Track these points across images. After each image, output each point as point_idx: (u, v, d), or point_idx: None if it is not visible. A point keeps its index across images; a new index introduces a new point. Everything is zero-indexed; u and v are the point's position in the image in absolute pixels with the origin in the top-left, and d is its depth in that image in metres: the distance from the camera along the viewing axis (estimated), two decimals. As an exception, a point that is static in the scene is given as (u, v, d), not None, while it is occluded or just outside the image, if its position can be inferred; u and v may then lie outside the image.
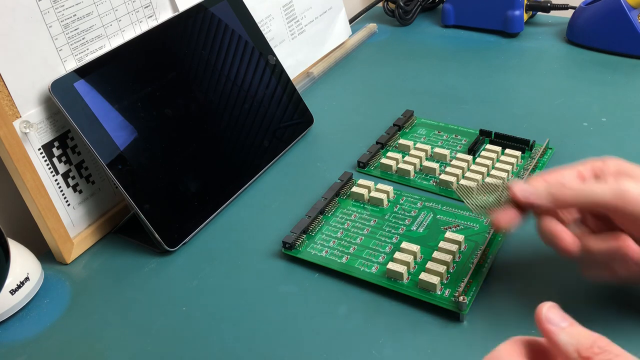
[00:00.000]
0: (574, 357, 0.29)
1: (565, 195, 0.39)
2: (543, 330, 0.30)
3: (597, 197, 0.38)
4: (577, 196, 0.39)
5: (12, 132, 0.48)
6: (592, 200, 0.38)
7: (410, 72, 0.77)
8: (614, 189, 0.38)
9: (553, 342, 0.30)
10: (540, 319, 0.31)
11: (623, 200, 0.37)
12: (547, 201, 0.40)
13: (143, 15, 0.58)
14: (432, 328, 0.44)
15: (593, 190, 0.38)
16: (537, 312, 0.31)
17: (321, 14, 0.80)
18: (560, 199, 0.39)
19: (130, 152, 0.52)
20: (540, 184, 0.41)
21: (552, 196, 0.40)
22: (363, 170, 0.60)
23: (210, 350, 0.44)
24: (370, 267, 0.48)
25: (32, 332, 0.47)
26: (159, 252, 0.53)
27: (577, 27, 0.79)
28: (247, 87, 0.63)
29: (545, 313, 0.31)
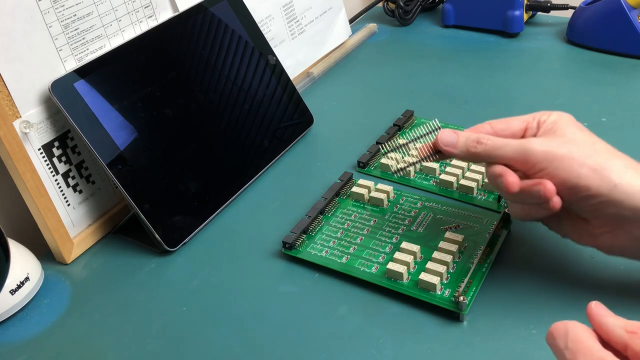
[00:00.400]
0: (621, 333, 0.31)
1: (477, 151, 0.43)
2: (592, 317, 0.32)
3: (504, 154, 0.42)
4: (488, 153, 0.43)
5: (12, 132, 0.48)
6: (500, 157, 0.42)
7: (410, 72, 0.77)
8: (519, 148, 0.42)
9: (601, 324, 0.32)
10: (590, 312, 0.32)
11: (525, 157, 0.41)
12: (461, 153, 0.44)
13: (143, 15, 0.58)
14: (432, 328, 0.44)
15: (502, 149, 0.42)
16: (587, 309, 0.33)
17: (321, 14, 0.80)
18: (473, 153, 0.43)
19: (130, 152, 0.52)
20: (463, 136, 0.44)
21: (466, 150, 0.44)
22: (363, 170, 0.60)
23: (210, 350, 0.44)
24: (370, 267, 0.48)
25: (32, 332, 0.47)
26: (159, 252, 0.53)
27: (577, 27, 0.79)
28: (247, 87, 0.63)
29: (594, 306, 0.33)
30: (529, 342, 0.42)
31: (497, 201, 0.54)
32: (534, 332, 0.42)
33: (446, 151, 0.45)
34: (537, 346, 0.41)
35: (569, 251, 0.48)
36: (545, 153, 0.41)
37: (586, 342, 0.31)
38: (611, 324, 0.31)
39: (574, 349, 0.30)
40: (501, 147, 0.42)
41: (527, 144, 0.41)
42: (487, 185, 0.55)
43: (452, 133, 0.45)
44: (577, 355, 0.30)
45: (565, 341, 0.31)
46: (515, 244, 0.50)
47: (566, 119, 0.43)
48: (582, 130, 0.42)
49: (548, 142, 0.41)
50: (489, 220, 0.51)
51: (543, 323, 0.43)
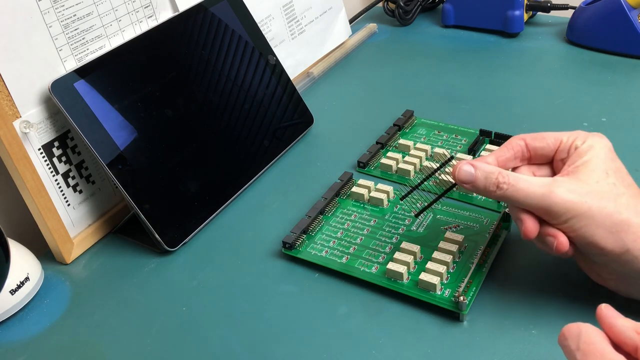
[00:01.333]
0: (632, 334, 0.31)
1: (497, 195, 0.42)
2: (602, 319, 0.32)
3: (525, 204, 0.41)
4: (507, 199, 0.41)
5: (12, 132, 0.48)
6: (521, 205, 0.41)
7: (410, 72, 0.77)
8: (541, 202, 0.40)
9: (612, 326, 0.32)
10: (600, 314, 0.32)
11: (546, 210, 0.40)
12: (481, 194, 0.43)
13: (143, 15, 0.58)
14: (432, 328, 0.44)
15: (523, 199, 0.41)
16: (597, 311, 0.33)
17: (321, 14, 0.80)
18: (493, 196, 0.42)
19: (130, 152, 0.52)
20: (481, 175, 0.42)
21: (485, 191, 0.42)
22: (363, 170, 0.60)
23: (210, 350, 0.44)
24: (370, 267, 0.48)
25: (32, 332, 0.47)
26: (159, 252, 0.53)
27: (577, 27, 0.79)
28: (247, 87, 0.63)
29: (604, 308, 0.33)
30: (529, 342, 0.42)
31: (497, 201, 0.54)
32: (534, 332, 0.42)
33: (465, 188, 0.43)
34: (537, 346, 0.41)
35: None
36: (566, 209, 0.39)
37: (598, 344, 0.31)
38: (621, 325, 0.32)
39: (586, 351, 0.30)
40: (523, 197, 0.40)
41: (549, 198, 0.40)
42: (487, 185, 0.55)
43: (470, 169, 0.42)
44: (588, 356, 0.30)
45: (578, 342, 0.31)
46: (515, 244, 0.50)
47: (598, 153, 0.42)
48: (608, 175, 0.41)
49: (570, 191, 0.40)
50: (489, 220, 0.51)
51: (543, 323, 0.43)
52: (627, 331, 0.31)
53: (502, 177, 0.41)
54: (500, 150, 0.44)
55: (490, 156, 0.44)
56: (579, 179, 0.40)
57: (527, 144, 0.44)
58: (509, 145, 0.44)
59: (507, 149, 0.44)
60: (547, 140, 0.44)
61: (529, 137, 0.44)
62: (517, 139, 0.45)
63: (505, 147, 0.45)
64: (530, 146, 0.44)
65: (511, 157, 0.44)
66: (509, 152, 0.44)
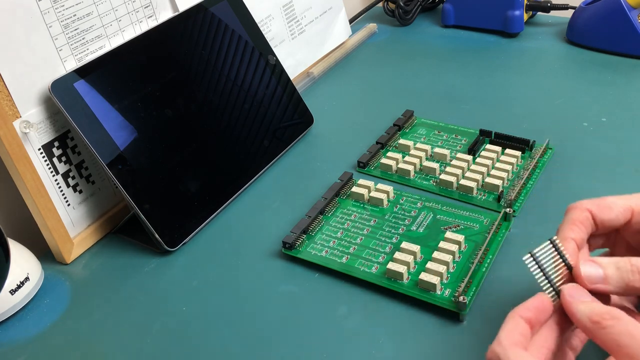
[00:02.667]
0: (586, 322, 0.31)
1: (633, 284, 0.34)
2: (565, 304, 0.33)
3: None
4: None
5: (12, 132, 0.48)
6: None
7: (410, 72, 0.77)
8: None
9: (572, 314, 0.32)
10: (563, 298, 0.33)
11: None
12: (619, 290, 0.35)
13: (143, 15, 0.58)
14: (432, 328, 0.44)
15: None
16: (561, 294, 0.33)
17: (321, 14, 0.80)
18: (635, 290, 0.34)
19: (130, 152, 0.52)
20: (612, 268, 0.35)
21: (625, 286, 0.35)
22: (363, 170, 0.60)
23: (210, 350, 0.44)
24: (370, 267, 0.48)
25: (32, 332, 0.47)
26: (159, 252, 0.53)
27: (577, 27, 0.79)
28: (247, 87, 0.63)
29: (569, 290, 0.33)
30: (529, 342, 0.42)
31: (497, 201, 0.54)
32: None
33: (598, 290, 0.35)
34: (537, 346, 0.41)
35: (569, 251, 0.48)
36: None
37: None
38: (580, 312, 0.32)
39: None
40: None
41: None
42: (487, 185, 0.55)
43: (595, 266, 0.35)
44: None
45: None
46: (515, 244, 0.50)
47: None
48: None
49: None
50: (489, 220, 0.51)
51: (543, 323, 0.43)
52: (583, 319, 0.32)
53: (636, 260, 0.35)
54: (572, 230, 0.38)
55: (570, 242, 0.37)
56: None
57: (594, 217, 0.38)
58: (578, 221, 0.38)
59: (578, 226, 0.38)
60: (615, 211, 0.38)
61: (595, 208, 0.38)
62: (581, 210, 0.38)
63: (575, 225, 0.38)
64: (598, 219, 0.38)
65: (585, 237, 0.38)
66: (582, 230, 0.38)
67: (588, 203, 0.39)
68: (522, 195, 0.54)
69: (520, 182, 0.54)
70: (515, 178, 0.56)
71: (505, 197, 0.53)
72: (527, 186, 0.55)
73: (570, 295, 0.33)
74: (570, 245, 0.37)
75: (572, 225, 0.38)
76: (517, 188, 0.53)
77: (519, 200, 0.54)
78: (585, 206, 0.38)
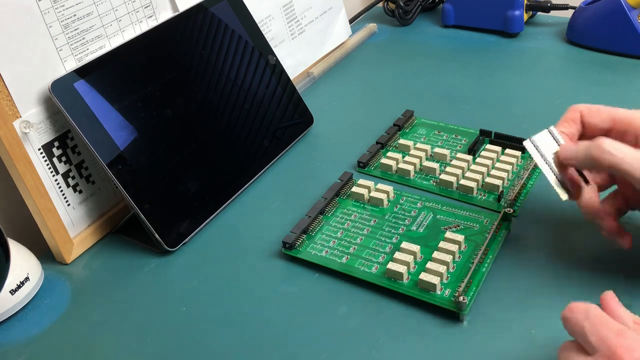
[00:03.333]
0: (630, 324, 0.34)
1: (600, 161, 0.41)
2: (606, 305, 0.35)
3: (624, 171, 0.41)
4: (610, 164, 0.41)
5: (12, 132, 0.48)
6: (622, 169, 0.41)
7: (410, 72, 0.77)
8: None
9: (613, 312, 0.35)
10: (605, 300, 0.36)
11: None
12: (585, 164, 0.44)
13: (143, 15, 0.58)
14: (432, 328, 0.44)
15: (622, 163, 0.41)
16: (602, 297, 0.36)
17: (321, 14, 0.80)
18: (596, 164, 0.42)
19: (130, 152, 0.52)
20: (581, 144, 0.43)
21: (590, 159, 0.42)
22: (363, 170, 0.60)
23: (210, 350, 0.44)
24: (370, 267, 0.48)
25: (32, 332, 0.47)
26: (159, 252, 0.53)
27: (577, 27, 0.79)
28: (247, 87, 0.63)
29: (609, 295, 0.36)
30: (529, 342, 0.42)
31: (497, 201, 0.54)
32: (534, 332, 0.42)
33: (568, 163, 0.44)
34: (537, 346, 0.41)
35: (569, 251, 0.48)
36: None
37: (605, 316, 0.34)
38: (623, 312, 0.35)
39: (594, 321, 0.33)
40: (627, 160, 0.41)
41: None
42: (487, 185, 0.55)
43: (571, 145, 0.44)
44: (597, 327, 0.33)
45: (586, 314, 0.34)
46: (515, 244, 0.50)
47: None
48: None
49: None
50: (489, 220, 0.51)
51: (543, 323, 0.43)
52: (627, 319, 0.34)
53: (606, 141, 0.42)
54: (563, 127, 0.47)
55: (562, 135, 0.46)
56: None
57: (583, 118, 0.47)
58: (569, 119, 0.47)
59: (568, 123, 0.47)
60: (600, 117, 0.46)
61: (586, 110, 0.47)
62: (574, 111, 0.47)
63: (566, 122, 0.47)
64: (585, 120, 0.47)
65: (576, 132, 0.47)
66: (572, 126, 0.47)
67: (582, 106, 0.47)
68: (522, 195, 0.54)
69: (520, 182, 0.54)
70: (515, 178, 0.56)
71: (505, 197, 0.53)
72: (527, 186, 0.55)
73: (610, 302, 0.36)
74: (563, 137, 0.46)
75: (564, 122, 0.47)
76: (517, 188, 0.53)
77: (519, 200, 0.54)
78: (579, 108, 0.47)
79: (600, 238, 0.48)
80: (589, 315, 0.34)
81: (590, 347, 0.33)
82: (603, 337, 0.32)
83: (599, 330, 0.33)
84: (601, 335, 0.32)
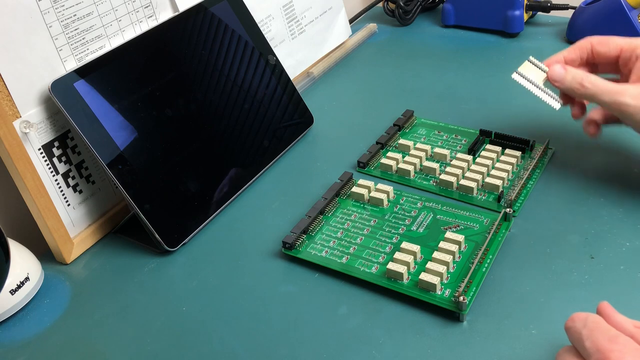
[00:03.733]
0: (629, 327, 0.35)
1: (580, 93, 0.51)
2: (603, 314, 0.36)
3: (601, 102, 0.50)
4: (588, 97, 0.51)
5: (12, 132, 0.48)
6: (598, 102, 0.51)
7: (410, 72, 0.77)
8: (614, 101, 0.49)
9: (611, 319, 0.35)
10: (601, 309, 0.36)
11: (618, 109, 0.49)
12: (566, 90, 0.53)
13: (143, 15, 0.58)
14: (432, 328, 0.44)
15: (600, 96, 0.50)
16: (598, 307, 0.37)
17: (321, 14, 0.80)
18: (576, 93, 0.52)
19: (130, 152, 0.52)
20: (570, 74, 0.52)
21: (571, 88, 0.52)
22: (363, 170, 0.60)
23: (210, 350, 0.44)
24: (370, 267, 0.48)
25: (32, 332, 0.47)
26: (159, 252, 0.53)
27: (577, 27, 0.79)
28: (247, 87, 0.63)
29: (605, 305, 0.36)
30: (529, 342, 0.42)
31: (497, 201, 0.54)
32: (534, 332, 0.42)
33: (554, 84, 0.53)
34: (537, 346, 0.41)
35: (569, 251, 0.48)
36: (636, 108, 0.48)
37: (603, 323, 0.34)
38: (621, 318, 0.35)
39: (592, 328, 0.34)
40: (600, 94, 0.50)
41: (621, 97, 0.49)
42: (487, 185, 0.55)
43: (561, 70, 0.52)
44: (594, 332, 0.34)
45: (585, 322, 0.34)
46: (515, 244, 0.50)
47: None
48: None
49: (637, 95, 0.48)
50: (489, 220, 0.51)
51: (543, 323, 0.43)
52: (625, 324, 0.35)
53: (586, 77, 0.51)
54: (567, 51, 0.54)
55: (559, 54, 0.54)
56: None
57: (593, 47, 0.53)
58: (577, 46, 0.54)
59: (574, 49, 0.54)
60: (609, 46, 0.53)
61: (596, 41, 0.53)
62: (585, 41, 0.54)
63: (573, 48, 0.54)
64: (595, 50, 0.53)
65: (577, 58, 0.54)
66: (576, 53, 0.54)
67: (594, 38, 0.54)
68: (522, 195, 0.54)
69: (520, 182, 0.54)
70: (515, 178, 0.56)
71: (505, 197, 0.53)
72: (527, 186, 0.55)
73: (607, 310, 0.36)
74: (556, 57, 0.54)
75: (571, 48, 0.54)
76: (517, 188, 0.53)
77: (519, 200, 0.54)
78: (590, 40, 0.54)
79: (599, 238, 0.49)
80: (587, 322, 0.34)
81: (585, 352, 0.34)
82: (596, 342, 0.33)
83: (594, 335, 0.33)
84: (595, 340, 0.33)
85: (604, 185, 0.55)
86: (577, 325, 0.35)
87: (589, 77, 0.51)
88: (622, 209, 0.52)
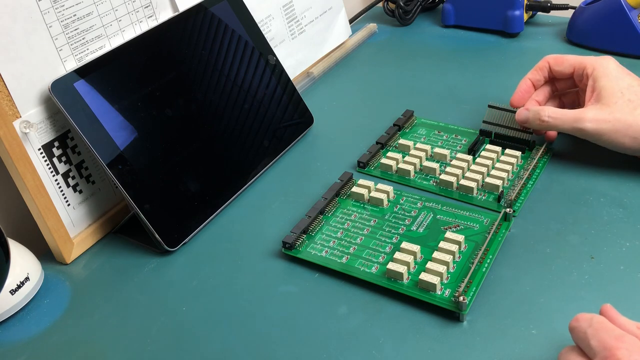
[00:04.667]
0: (633, 328, 0.35)
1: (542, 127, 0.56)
2: (606, 315, 0.36)
3: (563, 129, 0.55)
4: (550, 127, 0.55)
5: (12, 132, 0.48)
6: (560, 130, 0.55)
7: (410, 72, 0.77)
8: (574, 127, 0.53)
9: (614, 320, 0.36)
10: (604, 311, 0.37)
11: (580, 133, 0.54)
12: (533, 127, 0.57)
13: (143, 15, 0.59)
14: (432, 328, 0.44)
15: (561, 126, 0.54)
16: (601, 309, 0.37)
17: (321, 14, 0.80)
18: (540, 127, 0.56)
19: (130, 152, 0.52)
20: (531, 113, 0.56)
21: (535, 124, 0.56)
22: (363, 170, 0.60)
23: (210, 350, 0.44)
24: (370, 267, 0.48)
25: (32, 332, 0.47)
26: (159, 252, 0.53)
27: (577, 27, 0.79)
28: (247, 87, 0.63)
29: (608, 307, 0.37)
30: (529, 342, 0.42)
31: (497, 201, 0.54)
32: (534, 332, 0.42)
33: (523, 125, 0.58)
34: (537, 346, 0.41)
35: (569, 251, 0.48)
36: (596, 131, 0.52)
37: (607, 323, 0.35)
38: (624, 320, 0.36)
39: (597, 328, 0.34)
40: (560, 124, 0.54)
41: (581, 124, 0.53)
42: (487, 185, 0.55)
43: (524, 112, 0.57)
44: (599, 331, 0.34)
45: (590, 322, 0.35)
46: (515, 244, 0.50)
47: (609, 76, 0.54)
48: (624, 94, 0.52)
49: (596, 118, 0.52)
50: (489, 220, 0.51)
51: (543, 323, 0.43)
52: (628, 325, 0.35)
53: (544, 113, 0.55)
54: (531, 73, 0.59)
55: (526, 78, 0.59)
56: (601, 104, 0.53)
57: (550, 67, 0.58)
58: (538, 67, 0.59)
59: (536, 71, 0.59)
60: (563, 65, 0.58)
61: (552, 60, 0.58)
62: (543, 61, 0.59)
63: (535, 69, 0.59)
64: (552, 69, 0.58)
65: (541, 78, 0.59)
66: (538, 73, 0.59)
67: (550, 57, 0.59)
68: (522, 195, 0.54)
69: (520, 182, 0.54)
70: (515, 178, 0.56)
71: (505, 197, 0.53)
72: (527, 186, 0.55)
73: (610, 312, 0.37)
74: (525, 83, 0.60)
75: (534, 71, 0.59)
76: (517, 188, 0.53)
77: (519, 200, 0.54)
78: (547, 59, 0.59)
79: (599, 238, 0.49)
80: (592, 322, 0.35)
81: (591, 351, 0.34)
82: (603, 341, 0.33)
83: (599, 334, 0.34)
84: (601, 339, 0.34)
85: (604, 185, 0.55)
86: (582, 325, 0.35)
87: (546, 111, 0.55)
88: (622, 209, 0.52)
